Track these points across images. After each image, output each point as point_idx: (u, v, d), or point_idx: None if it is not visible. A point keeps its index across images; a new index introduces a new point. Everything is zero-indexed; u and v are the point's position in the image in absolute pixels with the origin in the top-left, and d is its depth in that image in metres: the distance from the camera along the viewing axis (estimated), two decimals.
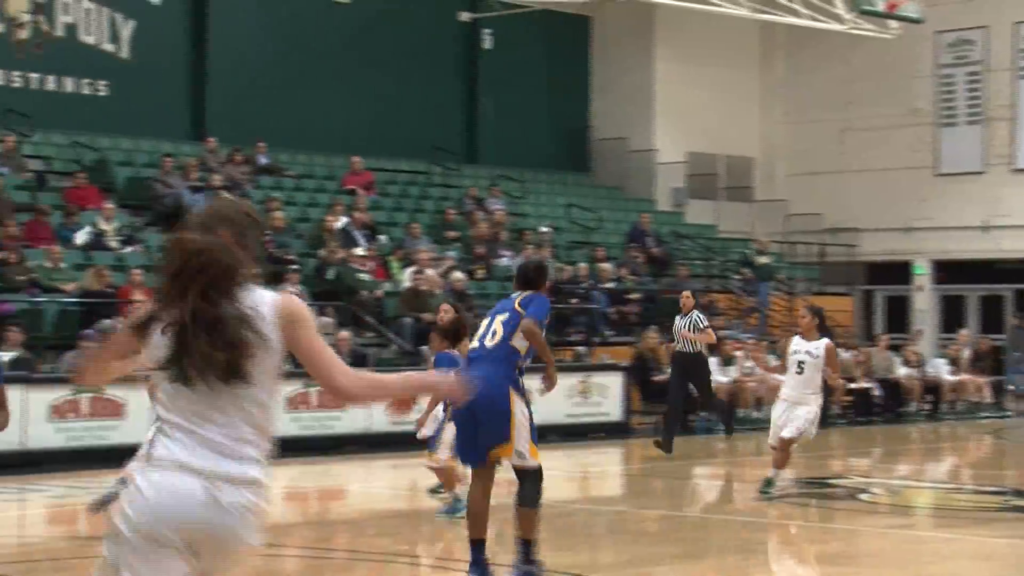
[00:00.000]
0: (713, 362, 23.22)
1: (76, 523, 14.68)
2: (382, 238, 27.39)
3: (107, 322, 20.74)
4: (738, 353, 26.04)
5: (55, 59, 28.87)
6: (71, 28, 29.19)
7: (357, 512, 16.02)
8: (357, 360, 22.04)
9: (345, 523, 14.92)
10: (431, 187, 32.04)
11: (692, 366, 20.52)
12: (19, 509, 15.33)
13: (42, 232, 23.18)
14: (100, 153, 27.57)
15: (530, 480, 10.16)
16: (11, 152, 25.81)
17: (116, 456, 18.42)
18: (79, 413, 18.74)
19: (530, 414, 10.18)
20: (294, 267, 24.52)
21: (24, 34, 28.59)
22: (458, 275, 25.55)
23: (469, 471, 11.31)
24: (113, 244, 24.02)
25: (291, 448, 17.27)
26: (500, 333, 10.19)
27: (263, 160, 29.32)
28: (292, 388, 19.78)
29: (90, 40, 29.44)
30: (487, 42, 35.00)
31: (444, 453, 12.96)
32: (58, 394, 18.52)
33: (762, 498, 15.01)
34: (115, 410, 19.03)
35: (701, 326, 20.22)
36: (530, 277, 10.63)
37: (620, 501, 17.15)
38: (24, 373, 18.45)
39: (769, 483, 15.17)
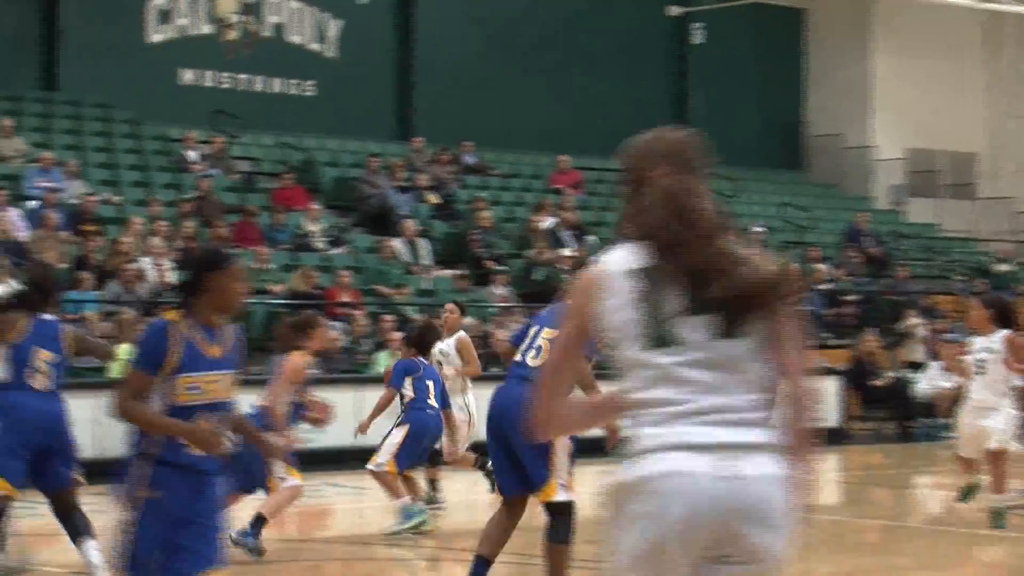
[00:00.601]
0: (935, 367, 22.66)
1: (285, 525, 14.89)
2: (590, 238, 27.34)
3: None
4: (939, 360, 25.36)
5: (263, 60, 29.42)
6: (279, 28, 29.71)
7: None
8: None
9: None
10: None
11: None
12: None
13: (250, 233, 23.60)
14: (307, 154, 27.99)
15: (563, 514, 9.25)
16: (220, 153, 26.34)
17: (322, 459, 18.81)
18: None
19: (571, 441, 9.15)
20: (501, 268, 24.60)
21: (233, 35, 29.18)
22: None
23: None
24: (319, 245, 24.36)
25: None
26: (546, 352, 8.67)
27: (469, 159, 29.50)
28: None
29: (298, 40, 29.92)
30: (697, 36, 34.76)
31: (383, 458, 12.82)
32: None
33: (991, 526, 13.82)
34: (324, 414, 19.22)
35: None
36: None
37: (838, 510, 16.84)
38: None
39: (999, 515, 13.75)
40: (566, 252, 25.89)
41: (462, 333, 14.79)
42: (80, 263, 20.68)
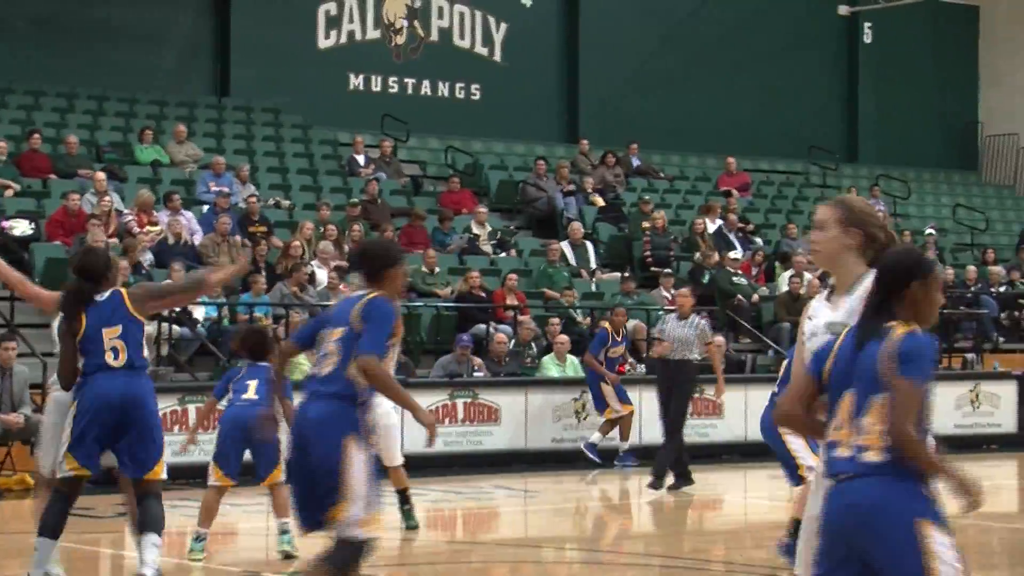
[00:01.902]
0: None
1: (453, 527, 15.04)
2: (758, 241, 27.20)
3: (480, 327, 21.17)
4: None
5: (430, 64, 29.70)
6: (445, 32, 29.96)
7: (734, 522, 15.93)
8: (733, 366, 21.92)
9: (722, 533, 14.85)
10: (808, 187, 31.65)
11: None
12: (395, 513, 15.76)
13: (418, 237, 23.82)
14: (473, 157, 28.18)
15: (349, 547, 7.43)
16: (388, 157, 26.64)
17: (490, 462, 18.96)
18: (455, 418, 19.19)
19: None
20: (668, 271, 24.56)
21: (401, 39, 29.50)
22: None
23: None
24: (486, 248, 24.51)
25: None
26: (335, 357, 7.48)
27: (636, 162, 29.49)
28: None
29: (464, 44, 30.15)
30: (868, 36, 34.38)
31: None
32: (435, 399, 18.99)
33: None
34: (490, 415, 19.42)
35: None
36: (364, 264, 7.76)
37: (1017, 518, 16.55)
38: (401, 377, 18.99)
39: None
40: (734, 255, 25.76)
41: None
42: (251, 266, 21.02)
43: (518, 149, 29.29)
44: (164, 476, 9.41)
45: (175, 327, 19.32)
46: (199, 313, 19.82)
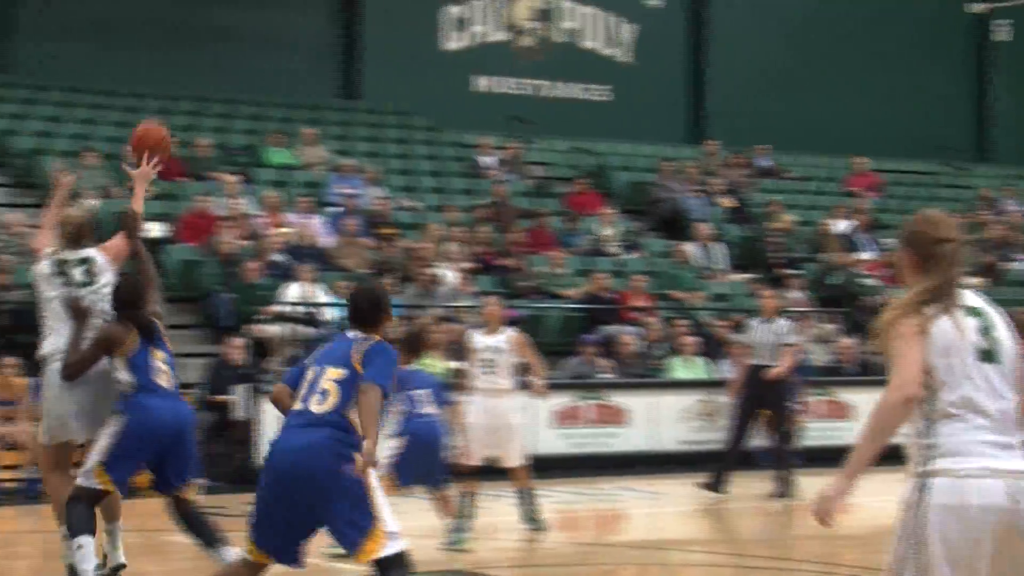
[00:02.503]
0: None
1: (580, 529, 15.03)
2: (888, 242, 26.88)
3: (607, 328, 21.15)
4: None
5: (557, 65, 29.73)
6: (573, 34, 29.98)
7: (865, 526, 15.77)
8: (862, 368, 21.70)
9: (855, 538, 14.69)
10: (939, 188, 31.24)
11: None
12: (517, 513, 15.79)
13: (544, 238, 23.83)
14: (600, 158, 28.15)
15: (398, 566, 7.48)
16: (515, 159, 26.69)
17: (618, 464, 18.93)
18: (582, 420, 19.18)
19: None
20: (796, 272, 24.38)
21: (527, 41, 29.55)
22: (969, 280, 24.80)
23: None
24: (613, 250, 24.47)
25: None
26: (334, 398, 7.51)
27: (763, 162, 29.30)
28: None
29: (591, 45, 30.15)
30: (1002, 33, 33.86)
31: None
32: (561, 400, 19.01)
33: None
34: (618, 417, 19.40)
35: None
36: (363, 312, 7.84)
37: None
38: (522, 379, 19.00)
39: None
40: (863, 256, 25.51)
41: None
42: (380, 268, 21.19)
43: (645, 150, 29.21)
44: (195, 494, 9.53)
45: (303, 328, 19.50)
46: (328, 314, 19.98)
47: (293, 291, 19.89)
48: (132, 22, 26.05)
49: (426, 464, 11.59)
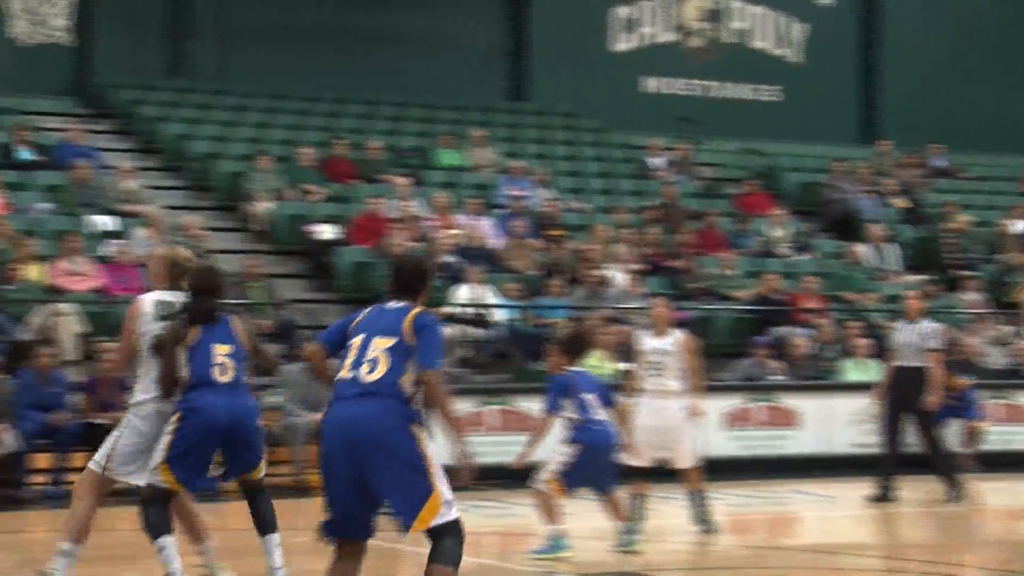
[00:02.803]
0: None
1: (751, 532, 14.90)
2: None
3: (778, 330, 20.96)
4: None
5: (726, 65, 29.55)
6: (743, 34, 29.78)
7: None
8: None
9: None
10: None
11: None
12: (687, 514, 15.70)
13: (714, 239, 23.69)
14: (771, 159, 27.92)
15: (453, 534, 7.45)
16: (684, 160, 26.57)
17: (789, 466, 18.73)
18: (753, 422, 19.03)
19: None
20: (973, 273, 23.94)
21: (697, 41, 29.40)
22: None
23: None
24: (784, 251, 24.24)
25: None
26: (384, 366, 7.47)
27: (938, 162, 28.81)
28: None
29: (761, 45, 29.91)
30: None
31: (545, 475, 11.59)
32: (732, 402, 18.88)
33: None
34: (789, 420, 19.21)
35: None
36: (406, 280, 7.78)
37: None
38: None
39: None
40: None
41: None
42: (549, 269, 21.21)
43: (816, 150, 28.89)
44: (263, 475, 9.38)
45: (473, 329, 19.60)
46: (497, 315, 20.06)
47: (463, 292, 20.00)
48: (305, 27, 26.39)
49: (597, 470, 11.55)
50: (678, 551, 12.90)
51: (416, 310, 7.57)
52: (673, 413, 12.98)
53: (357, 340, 7.53)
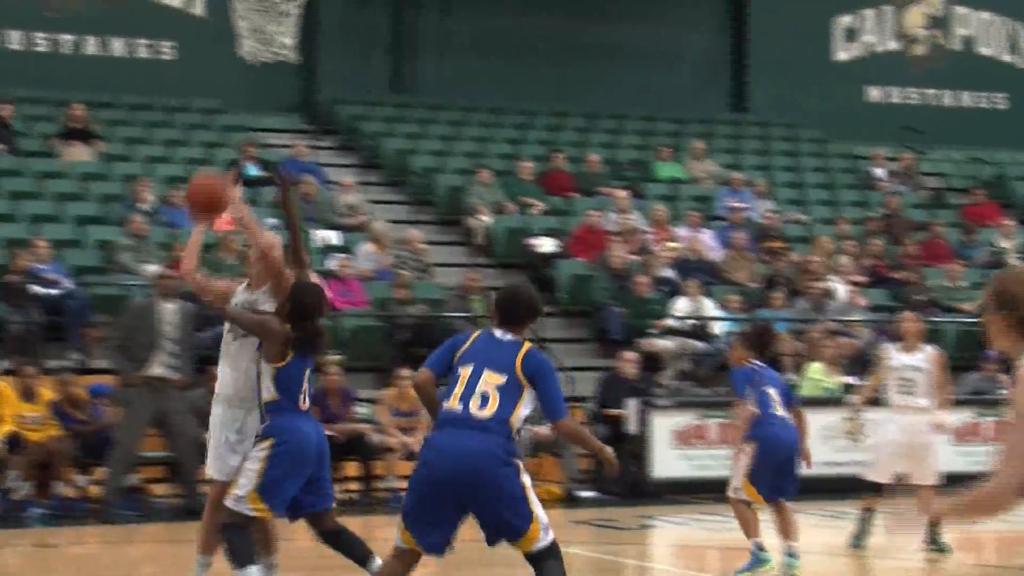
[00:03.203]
0: None
1: (981, 550, 14.54)
2: None
3: None
4: None
5: (952, 73, 29.01)
6: (968, 41, 29.19)
7: None
8: None
9: None
10: None
11: None
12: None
13: (940, 251, 23.25)
14: (998, 168, 27.31)
15: (552, 557, 7.57)
16: (908, 170, 26.13)
17: None
18: (982, 436, 18.59)
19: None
20: None
21: (921, 49, 28.90)
22: None
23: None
24: (1013, 261, 23.67)
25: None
26: (495, 403, 7.52)
27: None
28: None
29: (988, 52, 29.29)
30: None
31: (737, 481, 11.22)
32: (961, 417, 18.43)
33: None
34: None
35: None
36: (516, 312, 7.85)
37: None
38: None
39: None
40: None
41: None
42: (770, 282, 21.00)
43: None
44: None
45: (694, 342, 19.48)
46: (718, 328, 19.91)
47: (682, 305, 19.88)
48: (524, 41, 26.52)
49: (778, 470, 11.24)
50: (910, 570, 12.63)
51: (526, 347, 7.67)
52: (922, 430, 12.68)
53: (467, 371, 7.57)
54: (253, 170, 21.99)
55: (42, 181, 20.89)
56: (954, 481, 16.91)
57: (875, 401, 13.06)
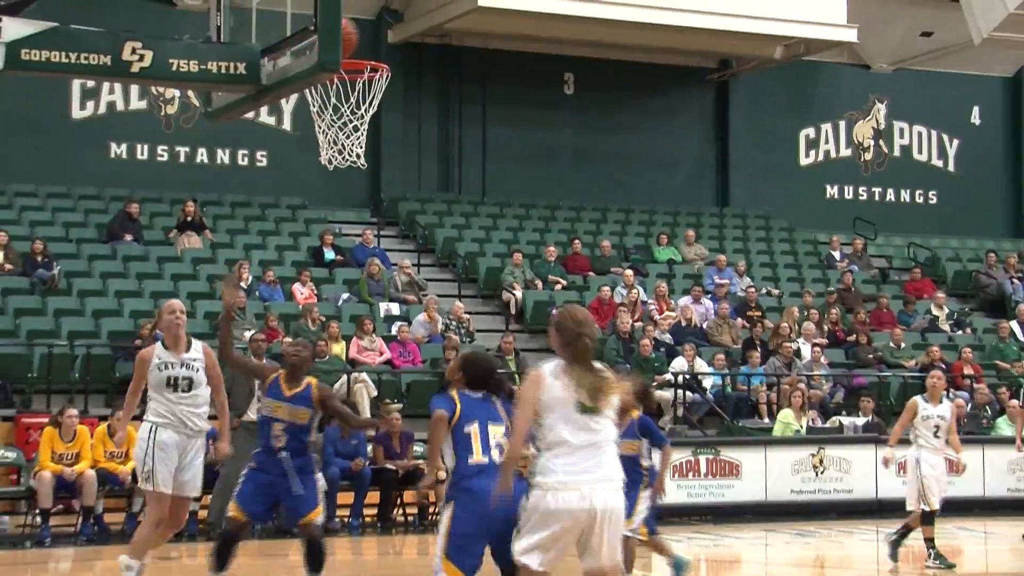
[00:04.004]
0: None
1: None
2: None
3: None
4: None
5: (893, 174, 29.05)
6: (906, 148, 29.28)
7: None
8: None
9: None
10: None
11: None
12: (875, 550, 15.25)
13: (885, 318, 23.22)
14: (932, 251, 27.30)
15: None
16: (859, 253, 26.12)
17: (954, 508, 18.09)
18: None
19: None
20: None
21: (868, 155, 28.97)
22: None
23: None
24: (945, 328, 23.63)
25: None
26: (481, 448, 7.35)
27: None
28: None
29: (922, 157, 29.35)
30: None
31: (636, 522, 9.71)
32: (902, 453, 18.29)
33: None
34: (955, 468, 18.59)
35: None
36: (484, 378, 7.58)
37: None
38: (874, 435, 18.46)
39: None
40: None
41: None
42: (748, 344, 20.97)
43: (970, 244, 28.13)
44: (320, 520, 9.08)
45: (687, 393, 19.44)
46: (707, 382, 19.88)
47: (678, 363, 19.87)
48: (549, 148, 26.62)
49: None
50: None
51: (495, 398, 7.46)
52: (943, 467, 12.75)
53: (475, 428, 7.31)
54: (331, 254, 22.10)
55: (162, 264, 21.05)
56: (903, 506, 16.70)
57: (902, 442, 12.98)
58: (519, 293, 22.12)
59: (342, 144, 16.09)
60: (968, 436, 19.06)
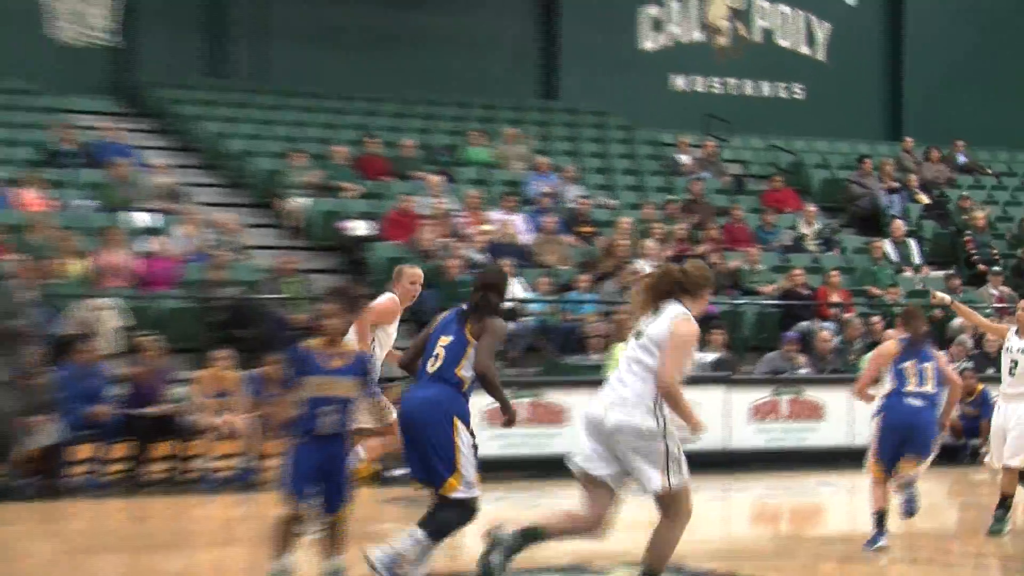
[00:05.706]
0: None
1: (778, 522, 14.85)
2: None
3: (804, 324, 20.88)
4: None
5: (753, 64, 29.48)
6: (768, 33, 29.68)
7: None
8: None
9: None
10: None
11: None
12: (723, 508, 15.66)
13: (740, 235, 23.62)
14: (797, 156, 27.84)
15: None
16: (711, 157, 26.51)
17: (814, 458, 18.64)
18: (779, 414, 18.95)
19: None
20: (996, 268, 23.81)
21: (724, 41, 29.33)
22: None
23: None
24: (811, 247, 24.16)
25: None
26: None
27: (962, 159, 28.67)
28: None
29: (786, 44, 29.83)
30: None
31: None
32: (758, 395, 18.80)
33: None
34: (814, 412, 19.11)
35: None
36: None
37: None
38: (725, 374, 18.86)
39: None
40: None
41: None
42: (579, 264, 21.17)
43: (841, 148, 28.80)
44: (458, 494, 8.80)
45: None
46: (528, 310, 20.01)
47: None
48: (340, 27, 26.40)
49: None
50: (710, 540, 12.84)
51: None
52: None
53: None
54: (68, 152, 21.61)
55: None
56: (750, 457, 17.16)
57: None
58: (301, 201, 21.94)
59: (83, 14, 15.59)
60: (833, 376, 19.66)
